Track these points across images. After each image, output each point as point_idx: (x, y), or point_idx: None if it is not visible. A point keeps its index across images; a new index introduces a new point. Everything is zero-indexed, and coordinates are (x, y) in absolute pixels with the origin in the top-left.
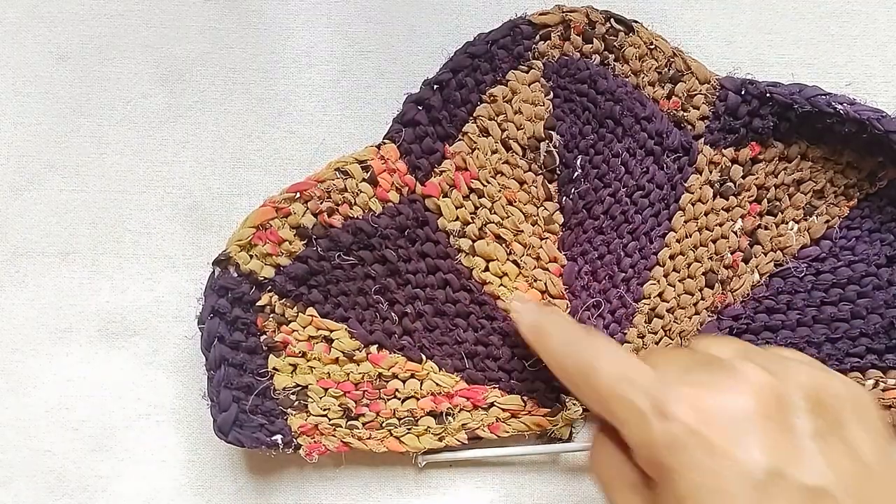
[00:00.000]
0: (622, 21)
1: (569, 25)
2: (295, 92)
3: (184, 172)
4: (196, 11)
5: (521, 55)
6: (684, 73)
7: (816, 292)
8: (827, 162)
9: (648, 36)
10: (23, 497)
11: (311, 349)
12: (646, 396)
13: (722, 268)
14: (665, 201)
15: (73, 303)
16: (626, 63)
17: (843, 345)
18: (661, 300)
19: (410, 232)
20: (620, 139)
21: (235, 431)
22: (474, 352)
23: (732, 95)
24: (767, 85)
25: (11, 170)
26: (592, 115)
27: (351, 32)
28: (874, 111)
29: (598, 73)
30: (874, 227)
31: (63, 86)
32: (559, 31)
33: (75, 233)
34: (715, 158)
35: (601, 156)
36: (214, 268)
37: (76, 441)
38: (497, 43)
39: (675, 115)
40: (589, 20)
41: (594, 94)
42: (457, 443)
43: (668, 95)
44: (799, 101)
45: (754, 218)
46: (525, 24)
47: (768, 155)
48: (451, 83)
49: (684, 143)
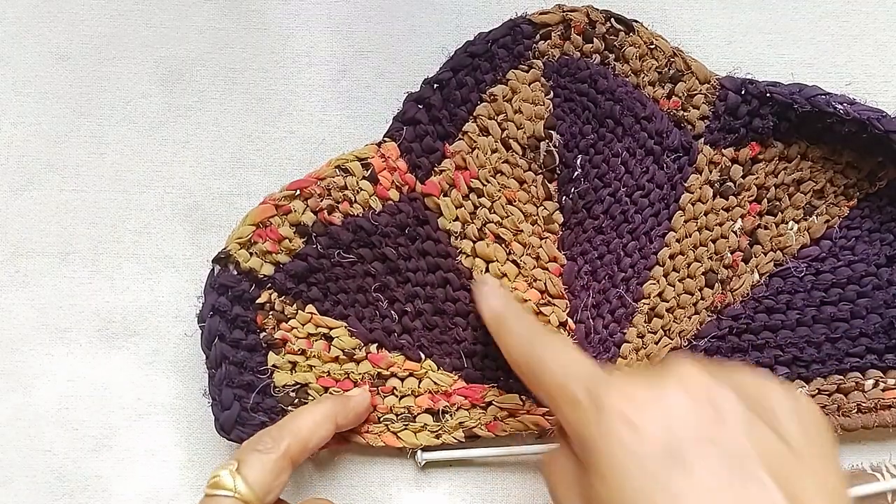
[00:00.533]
0: (622, 20)
1: (569, 25)
2: (295, 92)
3: (184, 172)
4: (196, 11)
5: (521, 54)
6: (684, 72)
7: (816, 292)
8: (827, 162)
9: (649, 35)
10: (23, 497)
11: (310, 347)
12: (584, 388)
13: (722, 267)
14: (665, 201)
15: (73, 303)
16: (626, 63)
17: (843, 345)
18: (661, 300)
19: (410, 230)
20: (620, 139)
21: (238, 430)
22: (473, 351)
23: (732, 95)
24: (767, 85)
25: (11, 170)
26: (592, 114)
27: (351, 32)
28: (874, 111)
29: (598, 73)
30: (874, 226)
31: (63, 86)
32: (559, 31)
33: (75, 233)
34: (715, 158)
35: (601, 155)
36: (214, 266)
37: (76, 441)
38: (497, 42)
39: (675, 115)
40: (589, 20)
41: (594, 94)
42: (454, 441)
43: (668, 95)
44: (799, 101)
45: (754, 218)
46: (525, 23)
47: (768, 155)
48: (452, 82)
49: (684, 142)
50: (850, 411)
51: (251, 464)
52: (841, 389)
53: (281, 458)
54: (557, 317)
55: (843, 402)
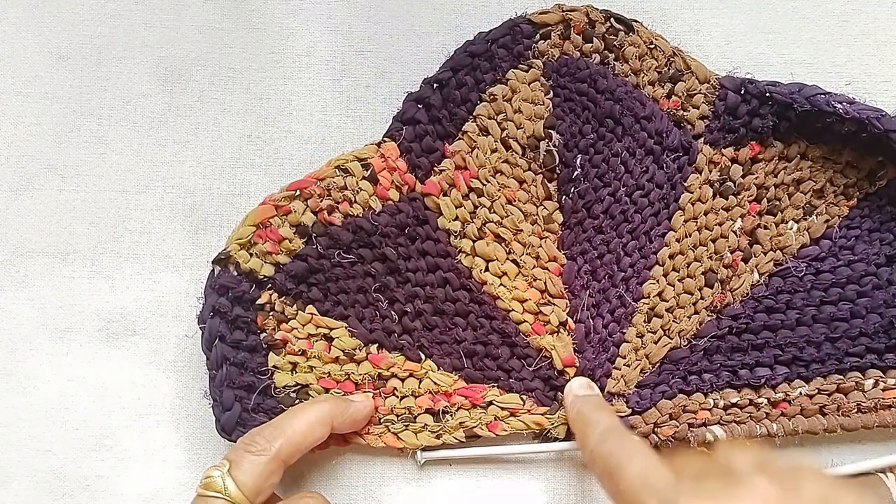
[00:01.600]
0: (622, 21)
1: (569, 24)
2: (295, 92)
3: (183, 172)
4: (196, 11)
5: (521, 54)
6: (684, 72)
7: (816, 292)
8: (826, 161)
9: (648, 35)
10: (23, 497)
11: (310, 347)
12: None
13: (721, 267)
14: (665, 201)
15: (73, 302)
16: (626, 62)
17: (843, 344)
18: (661, 300)
19: (410, 230)
20: (620, 138)
21: (239, 430)
22: (473, 351)
23: (732, 95)
24: (767, 84)
25: (11, 170)
26: (592, 114)
27: (351, 32)
28: (874, 110)
29: (598, 73)
30: (874, 226)
31: (63, 86)
32: (559, 31)
33: (75, 233)
34: (715, 158)
35: (601, 155)
36: (214, 266)
37: (76, 441)
38: (497, 42)
39: (674, 115)
40: (589, 19)
41: (594, 94)
42: (455, 441)
43: (667, 95)
44: (798, 101)
45: (754, 217)
46: (525, 23)
47: (768, 154)
48: (451, 82)
49: (684, 142)
50: (849, 411)
51: (242, 465)
52: (841, 389)
53: (272, 461)
54: (557, 316)
55: (843, 401)
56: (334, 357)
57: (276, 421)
